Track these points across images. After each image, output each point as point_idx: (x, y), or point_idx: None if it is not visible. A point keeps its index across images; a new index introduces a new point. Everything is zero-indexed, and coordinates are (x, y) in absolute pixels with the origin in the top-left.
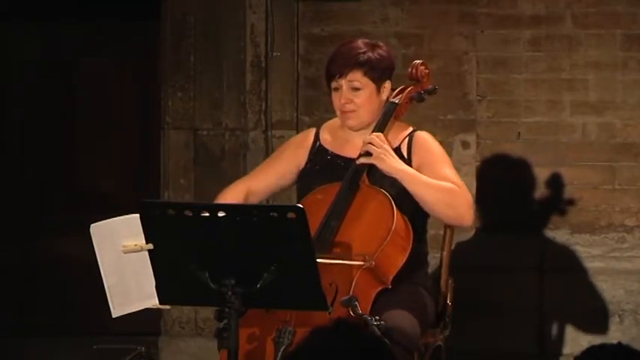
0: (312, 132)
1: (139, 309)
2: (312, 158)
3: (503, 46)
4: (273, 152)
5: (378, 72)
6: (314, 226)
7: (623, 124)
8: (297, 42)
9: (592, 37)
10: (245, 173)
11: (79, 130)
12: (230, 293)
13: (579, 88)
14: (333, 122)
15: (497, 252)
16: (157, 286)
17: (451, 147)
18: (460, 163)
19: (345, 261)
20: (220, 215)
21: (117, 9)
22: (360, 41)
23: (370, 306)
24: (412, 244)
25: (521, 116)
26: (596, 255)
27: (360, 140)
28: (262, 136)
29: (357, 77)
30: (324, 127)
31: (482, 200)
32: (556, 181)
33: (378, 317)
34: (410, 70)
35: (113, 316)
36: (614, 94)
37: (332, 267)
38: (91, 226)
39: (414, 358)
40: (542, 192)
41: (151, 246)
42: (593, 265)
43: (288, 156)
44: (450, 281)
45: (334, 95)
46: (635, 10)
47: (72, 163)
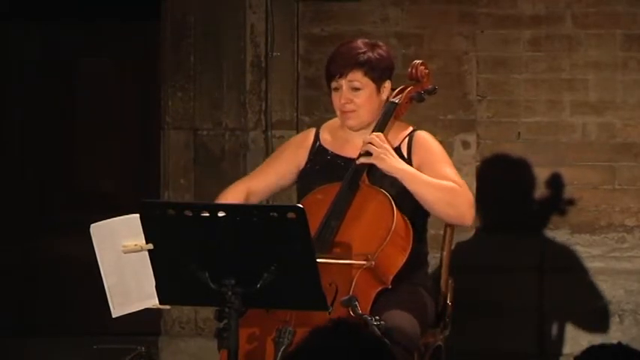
0: (312, 132)
1: (139, 309)
2: (312, 158)
3: (503, 46)
4: (273, 152)
5: (378, 72)
6: (314, 226)
7: (623, 124)
8: (297, 42)
9: (592, 37)
10: (245, 173)
11: (79, 130)
12: (230, 293)
13: (579, 88)
14: (333, 122)
15: (497, 252)
16: (157, 286)
17: (451, 147)
18: (460, 163)
19: (346, 260)
20: (220, 215)
21: (117, 9)
22: (359, 41)
23: (370, 306)
24: (412, 244)
25: (521, 116)
26: (596, 255)
27: (360, 140)
28: (262, 136)
29: (357, 77)
30: (324, 127)
31: (482, 200)
32: (556, 181)
33: (378, 317)
34: (410, 70)
35: (113, 316)
36: (614, 94)
37: (332, 267)
38: (91, 226)
39: (414, 358)
40: (542, 192)
41: (150, 246)
42: (593, 265)
43: (288, 156)
44: (450, 281)
45: (334, 95)
46: (635, 10)
47: (72, 163)
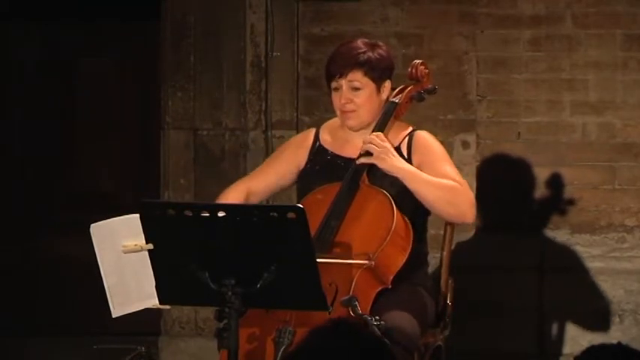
0: (311, 132)
1: (139, 309)
2: (312, 158)
3: (503, 46)
4: (273, 152)
5: (378, 72)
6: (314, 226)
7: (623, 124)
8: (297, 42)
9: (592, 37)
10: (245, 173)
11: (79, 130)
12: (230, 293)
13: (579, 88)
14: (333, 122)
15: (497, 252)
16: (157, 286)
17: (451, 147)
18: (460, 163)
19: (347, 260)
20: (220, 215)
21: (117, 9)
22: (359, 41)
23: (370, 306)
24: (412, 244)
25: (521, 116)
26: (596, 255)
27: (360, 140)
28: (262, 136)
29: (357, 77)
30: (323, 127)
31: (482, 200)
32: (556, 181)
33: (378, 317)
34: (410, 69)
35: (113, 316)
36: (614, 94)
37: (332, 267)
38: (91, 226)
39: (414, 358)
40: (542, 192)
41: (150, 246)
42: (593, 265)
43: (288, 156)
44: (450, 281)
45: (334, 95)
46: (635, 10)
47: (72, 163)
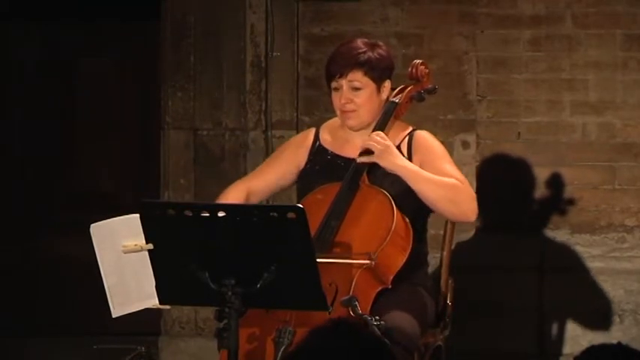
0: (311, 132)
1: (139, 309)
2: (312, 158)
3: (503, 46)
4: (273, 152)
5: (378, 72)
6: (314, 226)
7: (623, 124)
8: (297, 42)
9: (592, 37)
10: (245, 173)
11: (79, 130)
12: (230, 293)
13: (579, 88)
14: (333, 122)
15: (497, 252)
16: (157, 286)
17: (451, 147)
18: (460, 163)
19: (348, 260)
20: (220, 215)
21: (117, 9)
22: (359, 41)
23: (370, 306)
24: (412, 244)
25: (521, 116)
26: (596, 255)
27: (360, 140)
28: (262, 136)
29: (358, 77)
30: (323, 127)
31: (482, 200)
32: (556, 181)
33: (378, 317)
34: (410, 69)
35: (113, 316)
36: (614, 94)
37: (332, 267)
38: (91, 226)
39: (414, 358)
40: (542, 192)
41: (150, 246)
42: (593, 265)
43: (288, 156)
44: (450, 281)
45: (334, 95)
46: (635, 10)
47: (72, 163)
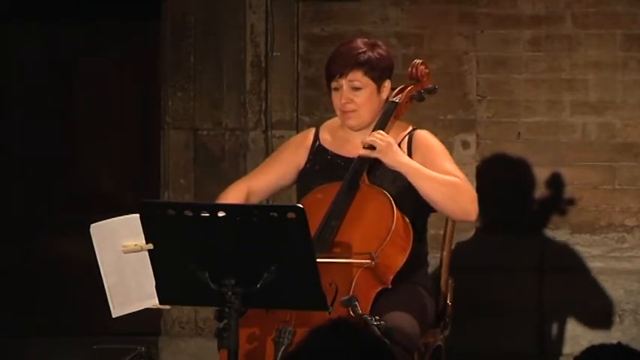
0: (311, 132)
1: (139, 309)
2: (311, 158)
3: (503, 46)
4: (273, 152)
5: (378, 71)
6: (314, 225)
7: (623, 124)
8: (297, 42)
9: (592, 37)
10: (245, 173)
11: (79, 130)
12: (230, 293)
13: (579, 88)
14: (333, 122)
15: (497, 252)
16: (157, 286)
17: (451, 147)
18: (460, 163)
19: (349, 259)
20: (220, 215)
21: (117, 9)
22: (359, 41)
23: (370, 306)
24: (412, 244)
25: (521, 116)
26: (596, 255)
27: (360, 140)
28: (262, 136)
29: (358, 77)
30: (323, 127)
31: (482, 200)
32: (556, 181)
33: (378, 317)
34: (410, 69)
35: (113, 316)
36: (614, 94)
37: (332, 267)
38: (91, 226)
39: (413, 358)
40: (542, 192)
41: (150, 246)
42: (593, 265)
43: (288, 156)
44: (450, 281)
45: (334, 95)
46: (635, 10)
47: (72, 163)
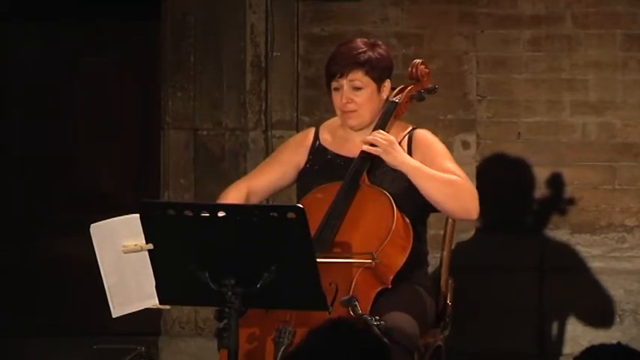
0: (311, 131)
1: (139, 309)
2: (311, 158)
3: (503, 46)
4: (273, 152)
5: (379, 71)
6: (314, 225)
7: (623, 124)
8: (297, 42)
9: (592, 37)
10: (245, 173)
11: (79, 130)
12: (230, 293)
13: (579, 88)
14: (333, 122)
15: (497, 252)
16: (157, 286)
17: (451, 147)
18: (460, 163)
19: (349, 259)
20: (220, 215)
21: (117, 9)
22: (359, 41)
23: (370, 306)
24: (412, 244)
25: (521, 116)
26: (596, 255)
27: (360, 140)
28: (262, 136)
29: (358, 77)
30: (323, 127)
31: (482, 200)
32: (556, 181)
33: (378, 317)
34: (410, 69)
35: (113, 316)
36: (614, 94)
37: (332, 267)
38: (91, 226)
39: (413, 358)
40: (542, 192)
41: (150, 246)
42: (593, 265)
43: (288, 156)
44: (450, 281)
45: (335, 95)
46: (635, 10)
47: (72, 163)
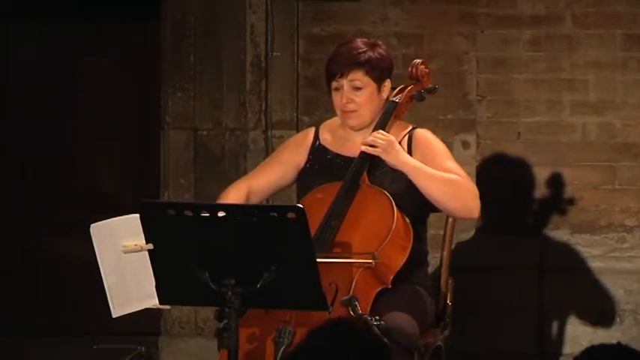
0: (311, 131)
1: (139, 309)
2: (311, 157)
3: (503, 46)
4: (273, 152)
5: (379, 71)
6: (314, 225)
7: (623, 124)
8: (297, 42)
9: (592, 37)
10: (245, 173)
11: (79, 130)
12: (230, 293)
13: (579, 88)
14: (333, 122)
15: (497, 252)
16: (157, 286)
17: (451, 147)
18: (460, 163)
19: (350, 259)
20: (220, 215)
21: (117, 9)
22: (359, 41)
23: (370, 306)
24: (412, 244)
25: (521, 116)
26: (596, 255)
27: (360, 139)
28: (262, 136)
29: (359, 77)
30: (323, 127)
31: (482, 200)
32: (556, 181)
33: (378, 317)
34: (410, 69)
35: (113, 316)
36: (614, 94)
37: (332, 267)
38: (91, 226)
39: (413, 358)
40: (542, 192)
41: (150, 246)
42: (593, 265)
43: (288, 155)
44: (450, 281)
45: (335, 95)
46: (635, 10)
47: (72, 163)
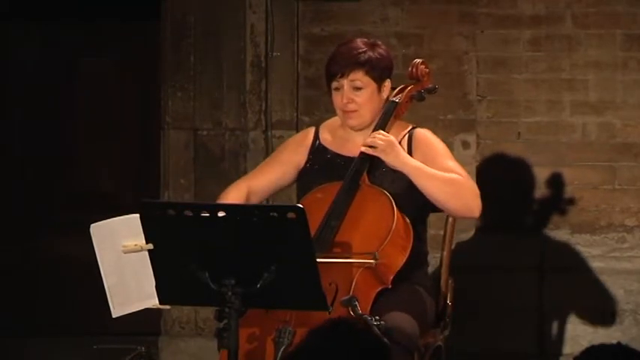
0: (311, 131)
1: (139, 309)
2: (311, 157)
3: (503, 46)
4: (273, 152)
5: (379, 71)
6: (314, 225)
7: (623, 124)
8: (297, 42)
9: (592, 37)
10: (245, 173)
11: (79, 130)
12: (230, 293)
13: (579, 88)
14: (333, 121)
15: (497, 252)
16: (157, 286)
17: (451, 147)
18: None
19: (350, 259)
20: (220, 215)
21: (117, 9)
22: (359, 41)
23: (370, 306)
24: (412, 244)
25: (521, 116)
26: (596, 255)
27: (360, 139)
28: (262, 136)
29: (359, 77)
30: (323, 127)
31: (482, 200)
32: (556, 181)
33: (378, 317)
34: (410, 69)
35: (113, 316)
36: (614, 94)
37: (332, 267)
38: (91, 226)
39: (413, 358)
40: (542, 192)
41: (150, 246)
42: (593, 265)
43: (288, 155)
44: (450, 281)
45: (335, 95)
46: (635, 10)
47: (72, 163)
